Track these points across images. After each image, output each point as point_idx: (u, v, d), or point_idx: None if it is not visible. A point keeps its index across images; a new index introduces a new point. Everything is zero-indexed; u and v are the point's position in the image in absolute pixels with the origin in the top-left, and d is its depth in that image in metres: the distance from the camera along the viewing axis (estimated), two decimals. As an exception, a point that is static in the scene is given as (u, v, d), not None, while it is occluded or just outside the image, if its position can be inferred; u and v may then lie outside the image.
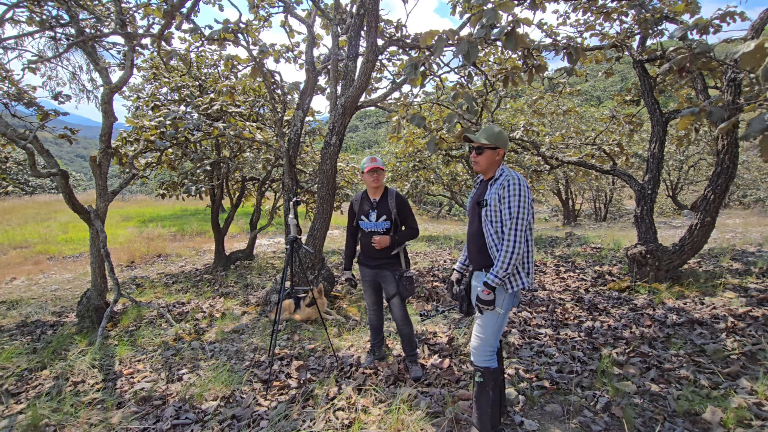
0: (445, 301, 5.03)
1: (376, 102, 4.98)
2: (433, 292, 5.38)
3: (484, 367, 2.17)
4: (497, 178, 2.16)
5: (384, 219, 3.00)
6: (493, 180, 2.18)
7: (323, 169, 4.85)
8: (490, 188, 2.16)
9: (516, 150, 9.76)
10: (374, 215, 3.03)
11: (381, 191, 3.06)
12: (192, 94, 7.86)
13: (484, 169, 2.22)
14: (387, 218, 3.00)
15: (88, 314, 4.59)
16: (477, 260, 2.23)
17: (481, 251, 2.19)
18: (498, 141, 2.17)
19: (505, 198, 2.07)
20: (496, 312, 2.13)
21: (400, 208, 3.03)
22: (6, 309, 6.23)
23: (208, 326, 4.48)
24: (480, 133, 2.21)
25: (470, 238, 2.27)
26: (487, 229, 2.13)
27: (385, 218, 3.00)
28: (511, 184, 2.07)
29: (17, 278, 9.22)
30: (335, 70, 5.23)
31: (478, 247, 2.20)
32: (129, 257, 10.42)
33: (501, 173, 2.17)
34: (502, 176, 2.16)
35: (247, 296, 5.85)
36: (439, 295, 5.26)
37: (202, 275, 7.99)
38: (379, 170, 3.01)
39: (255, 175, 9.21)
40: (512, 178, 2.09)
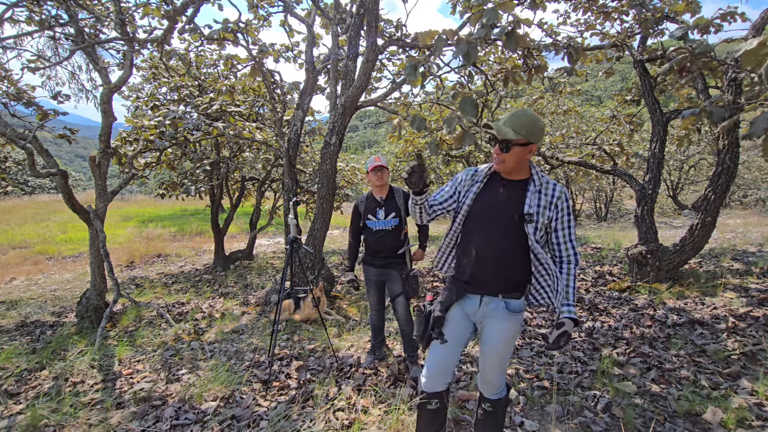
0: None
1: (376, 102, 4.98)
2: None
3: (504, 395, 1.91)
4: (537, 184, 1.72)
5: (393, 216, 3.01)
6: (530, 184, 1.73)
7: (323, 169, 4.85)
8: (531, 196, 1.71)
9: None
10: (382, 213, 3.03)
11: (386, 189, 3.07)
12: (191, 93, 7.85)
13: (511, 169, 1.72)
14: (396, 215, 3.02)
15: (87, 314, 4.58)
16: (496, 284, 1.75)
17: (509, 273, 1.74)
18: (532, 134, 1.63)
19: (564, 212, 1.72)
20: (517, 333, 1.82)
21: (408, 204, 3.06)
22: (5, 309, 6.22)
23: (208, 326, 4.48)
24: (506, 122, 1.65)
25: (491, 255, 1.74)
26: (534, 248, 1.69)
27: (393, 215, 3.01)
28: (566, 196, 1.71)
29: (16, 278, 9.20)
30: (335, 69, 5.22)
31: (505, 267, 1.74)
32: (128, 257, 10.41)
33: (540, 177, 1.75)
34: (545, 182, 1.73)
35: (247, 296, 5.84)
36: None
37: (202, 275, 7.98)
38: (383, 168, 3.02)
39: (255, 175, 9.21)
40: (562, 187, 1.73)
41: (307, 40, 5.59)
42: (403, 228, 3.05)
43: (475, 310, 1.81)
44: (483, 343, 1.82)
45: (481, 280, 1.77)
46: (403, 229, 3.05)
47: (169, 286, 7.10)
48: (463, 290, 1.82)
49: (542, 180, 1.74)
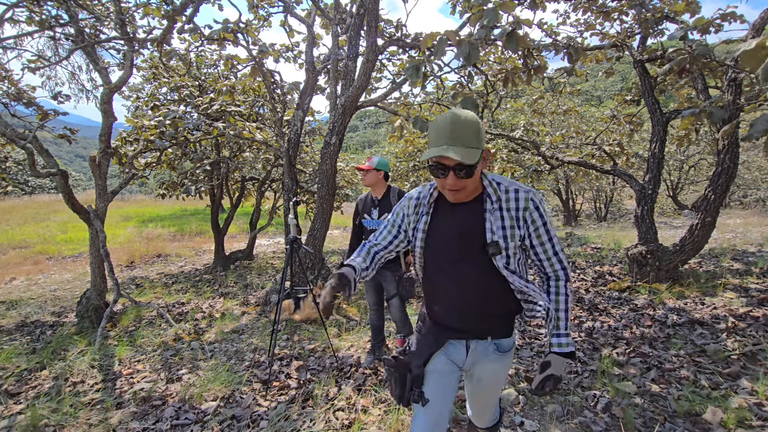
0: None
1: (376, 102, 4.98)
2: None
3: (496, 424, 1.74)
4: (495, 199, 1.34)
5: (386, 217, 3.01)
6: (486, 202, 1.35)
7: (323, 169, 4.85)
8: (491, 217, 1.33)
9: (516, 150, 9.75)
10: (376, 213, 3.03)
11: (383, 190, 3.07)
12: (191, 94, 7.85)
13: (471, 191, 1.35)
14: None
15: (87, 314, 4.58)
16: (481, 326, 1.43)
17: (493, 310, 1.41)
18: (483, 138, 1.30)
19: (538, 223, 1.34)
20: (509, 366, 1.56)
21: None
22: (5, 309, 6.22)
23: (208, 326, 4.48)
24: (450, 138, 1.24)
25: (465, 299, 1.39)
26: (511, 280, 1.34)
27: (386, 216, 3.00)
28: (535, 204, 1.33)
29: (16, 278, 9.20)
30: (335, 69, 5.23)
31: (485, 307, 1.40)
32: (129, 257, 10.41)
33: (497, 187, 1.35)
34: (504, 192, 1.34)
35: (247, 296, 5.84)
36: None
37: (202, 275, 7.98)
38: (363, 171, 3.03)
39: (255, 175, 9.21)
40: (529, 192, 1.35)
41: (307, 40, 5.59)
42: None
43: (462, 359, 1.47)
44: (473, 385, 1.56)
45: (461, 326, 1.43)
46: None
47: (169, 286, 7.11)
48: (444, 337, 1.46)
49: (500, 190, 1.35)
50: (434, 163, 1.28)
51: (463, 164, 1.23)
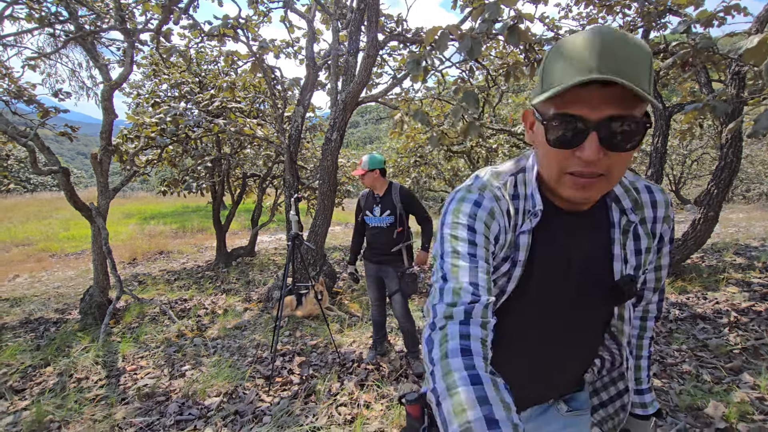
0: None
1: (377, 97, 4.96)
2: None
3: None
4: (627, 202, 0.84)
5: (388, 213, 3.00)
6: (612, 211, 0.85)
7: (324, 165, 4.84)
8: (622, 237, 0.84)
9: (518, 145, 9.72)
10: (378, 210, 3.03)
11: (384, 186, 3.06)
12: (192, 90, 7.84)
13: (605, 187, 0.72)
14: (391, 213, 3.00)
15: (90, 311, 4.60)
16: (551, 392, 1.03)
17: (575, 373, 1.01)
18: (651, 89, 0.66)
19: (667, 237, 0.89)
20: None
21: (406, 202, 3.02)
22: (9, 306, 6.26)
23: (210, 323, 4.49)
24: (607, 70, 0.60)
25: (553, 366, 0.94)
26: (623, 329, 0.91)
27: (389, 213, 3.00)
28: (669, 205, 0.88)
29: (20, 276, 9.24)
30: (336, 65, 5.20)
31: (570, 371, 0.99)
32: (131, 254, 10.44)
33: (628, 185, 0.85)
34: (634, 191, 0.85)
35: (249, 293, 5.86)
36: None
37: (204, 272, 8.01)
38: (361, 174, 3.02)
39: (256, 172, 9.20)
40: (664, 191, 0.90)
41: (307, 36, 5.56)
42: (397, 227, 3.03)
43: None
44: None
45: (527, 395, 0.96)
46: (397, 228, 3.03)
47: (171, 282, 7.13)
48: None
49: (630, 189, 0.84)
50: (559, 114, 0.66)
51: (627, 117, 0.63)
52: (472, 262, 0.74)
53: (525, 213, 0.81)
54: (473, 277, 0.73)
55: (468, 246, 0.75)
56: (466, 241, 0.76)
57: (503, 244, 0.80)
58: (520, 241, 0.81)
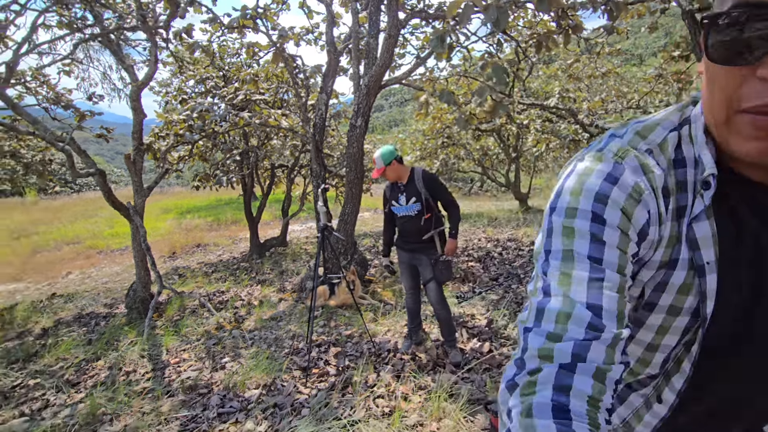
0: (481, 282, 4.90)
1: (400, 79, 4.80)
2: (468, 273, 5.26)
3: None
4: None
5: (414, 201, 2.89)
6: None
7: (350, 152, 4.76)
8: None
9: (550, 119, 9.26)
10: (403, 198, 2.93)
11: (406, 174, 2.94)
12: (217, 84, 7.91)
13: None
14: (417, 200, 2.89)
15: (135, 306, 4.80)
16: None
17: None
18: None
19: None
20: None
21: (430, 186, 2.89)
22: (64, 302, 6.66)
23: (247, 314, 4.59)
24: None
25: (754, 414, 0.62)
26: None
27: (414, 200, 2.89)
28: None
29: (72, 272, 9.83)
30: (357, 49, 5.06)
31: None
32: (170, 248, 10.87)
33: None
34: None
35: (283, 283, 5.94)
36: (476, 276, 5.13)
37: (239, 263, 8.21)
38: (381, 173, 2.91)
39: (284, 162, 9.26)
40: None
41: (326, 21, 5.43)
42: (425, 213, 2.91)
43: None
44: None
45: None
46: (425, 215, 2.91)
47: (209, 275, 7.35)
48: None
49: None
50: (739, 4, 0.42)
51: None
52: (596, 272, 0.49)
53: (696, 187, 0.53)
54: (595, 295, 0.48)
55: (591, 245, 0.50)
56: (588, 236, 0.50)
57: (656, 241, 0.53)
58: (695, 231, 0.52)
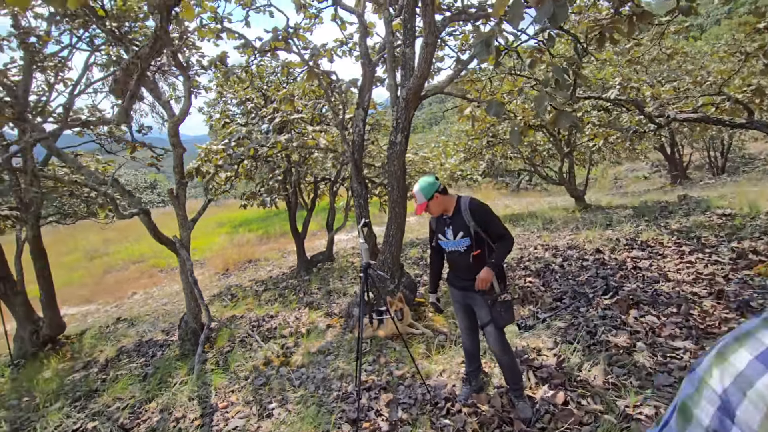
0: (543, 304, 4.42)
1: (441, 88, 4.44)
2: (527, 292, 4.79)
3: None
4: None
5: (461, 236, 2.54)
6: None
7: (391, 170, 4.48)
8: None
9: (607, 109, 8.43)
10: (450, 232, 2.58)
11: (452, 205, 2.58)
12: (257, 105, 7.96)
13: None
14: (465, 234, 2.53)
15: (187, 337, 4.83)
16: None
17: None
18: None
19: None
20: None
21: (478, 218, 2.51)
22: (127, 327, 6.96)
23: (295, 345, 4.44)
24: None
25: None
26: None
27: (462, 234, 2.53)
28: None
29: (137, 293, 10.40)
30: (392, 59, 4.77)
31: None
32: (224, 265, 11.20)
33: None
34: None
35: (330, 305, 5.79)
36: (536, 296, 4.65)
37: (288, 280, 8.22)
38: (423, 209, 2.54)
39: (326, 176, 9.19)
40: None
41: (359, 32, 5.19)
42: (474, 249, 2.53)
43: None
44: None
45: None
46: (474, 251, 2.53)
47: (259, 294, 7.39)
48: None
49: None
50: None
51: None
52: None
53: None
54: None
55: None
56: None
57: None
58: None
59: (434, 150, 11.45)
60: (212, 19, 4.68)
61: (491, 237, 2.54)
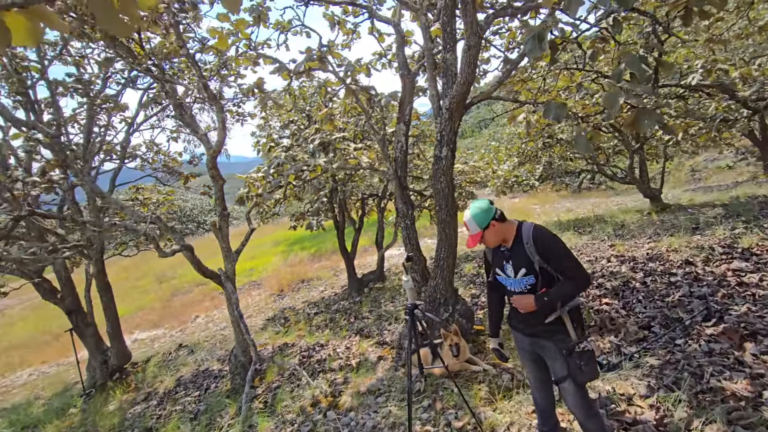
0: (627, 334, 3.74)
1: (489, 94, 3.99)
2: (605, 318, 4.11)
3: None
4: None
5: (524, 273, 2.07)
6: None
7: (438, 188, 4.08)
8: None
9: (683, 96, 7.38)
10: (510, 268, 2.12)
11: (511, 234, 2.13)
12: (300, 127, 7.94)
13: None
14: (528, 271, 2.06)
15: (237, 371, 4.73)
16: None
17: None
18: None
19: None
20: None
21: (544, 252, 2.02)
22: (187, 354, 7.10)
23: (344, 382, 4.14)
24: None
25: None
26: None
27: (525, 272, 2.07)
28: None
29: (199, 316, 10.78)
30: (432, 66, 4.41)
31: None
32: (279, 286, 11.32)
33: None
34: None
35: (382, 331, 5.46)
36: (616, 323, 3.97)
37: (339, 302, 8.03)
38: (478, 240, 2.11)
39: (373, 192, 8.96)
40: None
41: (396, 42, 4.90)
42: (540, 288, 2.06)
43: None
44: None
45: None
46: (540, 290, 2.06)
47: (311, 319, 7.25)
48: None
49: None
50: None
51: None
52: None
53: None
54: None
55: None
56: None
57: None
58: None
59: (485, 156, 10.84)
60: (247, 47, 4.63)
61: (559, 272, 2.06)
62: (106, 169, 6.74)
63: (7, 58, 4.60)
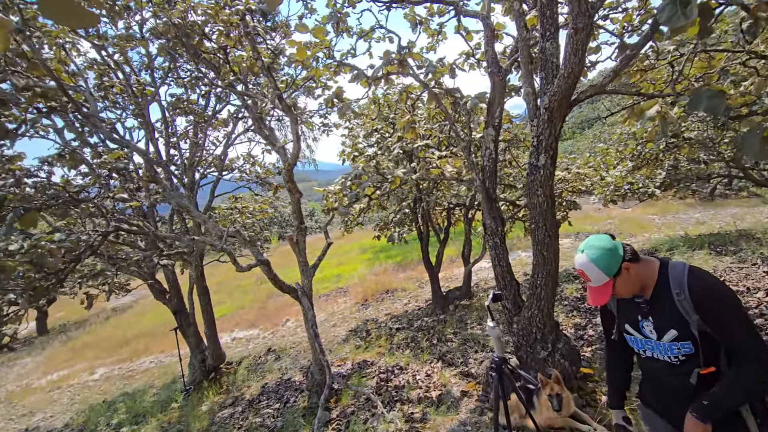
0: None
1: (602, 87, 3.24)
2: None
3: None
4: None
5: (675, 338, 1.43)
6: None
7: (534, 203, 3.45)
8: None
9: None
10: (650, 327, 1.49)
11: (652, 280, 1.48)
12: (383, 135, 7.76)
13: None
14: (682, 335, 1.41)
15: (314, 389, 4.60)
16: None
17: None
18: None
19: None
20: None
21: (706, 310, 1.37)
22: (273, 360, 7.30)
23: (422, 418, 3.70)
24: None
25: None
26: None
27: (677, 335, 1.42)
28: None
29: (289, 320, 11.23)
30: (527, 59, 3.78)
31: None
32: (363, 295, 11.29)
33: None
34: None
35: (467, 360, 4.90)
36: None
37: (423, 318, 7.61)
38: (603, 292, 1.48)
39: (460, 201, 8.39)
40: None
41: (485, 37, 4.36)
42: (701, 362, 1.38)
43: None
44: None
45: None
46: (701, 365, 1.38)
47: (392, 335, 6.95)
48: None
49: None
50: None
51: None
52: None
53: None
54: None
55: None
56: None
57: None
58: None
59: (590, 160, 9.53)
60: (327, 56, 4.51)
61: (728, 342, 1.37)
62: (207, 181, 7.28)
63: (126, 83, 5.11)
